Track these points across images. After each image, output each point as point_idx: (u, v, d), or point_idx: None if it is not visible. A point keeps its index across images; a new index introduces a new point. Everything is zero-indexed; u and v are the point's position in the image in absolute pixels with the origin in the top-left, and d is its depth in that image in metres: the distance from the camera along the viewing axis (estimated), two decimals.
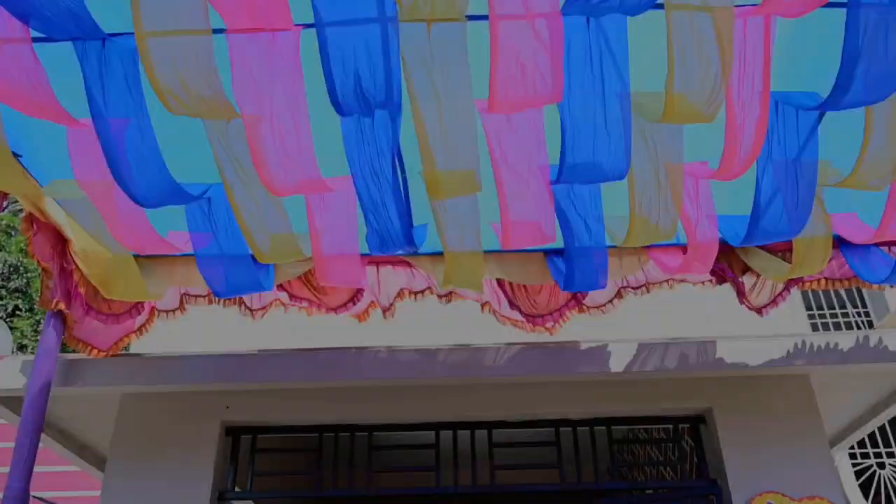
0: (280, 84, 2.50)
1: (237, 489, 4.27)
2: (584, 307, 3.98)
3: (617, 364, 3.87)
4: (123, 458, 4.15)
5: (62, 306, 3.52)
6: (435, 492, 4.31)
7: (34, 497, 3.26)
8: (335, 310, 3.97)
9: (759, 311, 3.85)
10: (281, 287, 3.92)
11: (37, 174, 2.99)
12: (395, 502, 8.59)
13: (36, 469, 3.33)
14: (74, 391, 3.85)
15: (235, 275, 3.27)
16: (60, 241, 3.41)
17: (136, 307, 3.73)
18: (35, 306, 12.55)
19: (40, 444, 3.94)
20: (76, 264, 3.33)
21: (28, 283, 14.01)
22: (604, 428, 4.42)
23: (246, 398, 4.27)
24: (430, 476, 4.32)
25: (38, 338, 3.70)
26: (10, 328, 11.94)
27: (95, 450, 4.86)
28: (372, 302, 4.07)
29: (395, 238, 3.13)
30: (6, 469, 3.27)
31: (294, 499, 4.55)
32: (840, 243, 3.73)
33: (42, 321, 12.73)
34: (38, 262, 3.32)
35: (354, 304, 3.99)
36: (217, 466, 4.15)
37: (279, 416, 4.31)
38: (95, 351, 3.80)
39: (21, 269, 14.17)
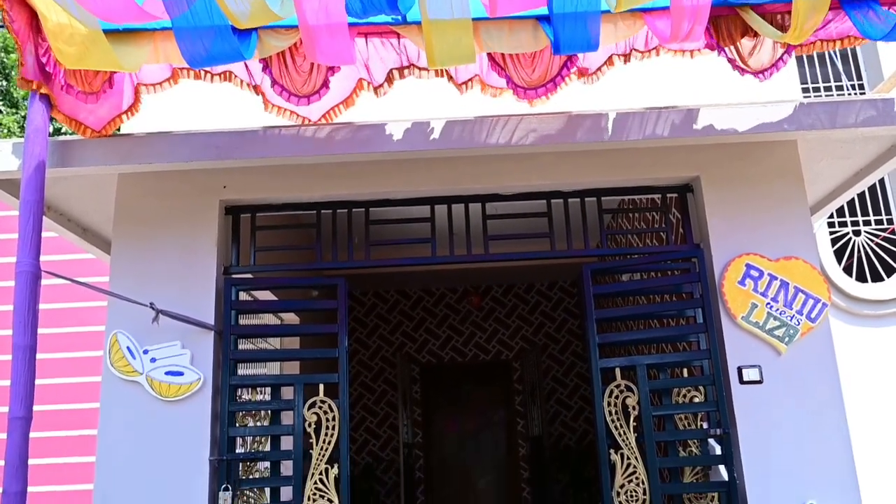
0: None
1: (240, 265, 4.45)
2: (577, 73, 3.92)
3: (609, 132, 3.88)
4: (127, 240, 4.29)
5: (42, 88, 3.46)
6: (431, 262, 4.51)
7: (45, 272, 3.38)
8: (308, 97, 3.87)
9: (756, 74, 3.80)
10: (266, 67, 3.82)
11: None
12: (392, 277, 9.04)
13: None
14: (70, 172, 3.87)
15: (214, 44, 3.15)
16: (35, 17, 3.28)
17: (111, 80, 3.63)
18: (18, 102, 12.27)
19: (50, 234, 4.07)
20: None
21: (7, 79, 13.58)
22: (594, 199, 4.55)
23: (243, 176, 4.33)
24: (425, 248, 4.49)
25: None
26: None
27: (99, 232, 5.00)
28: (360, 80, 3.99)
29: (378, 2, 3.01)
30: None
31: (295, 272, 4.76)
32: (840, 3, 3.62)
33: (27, 118, 12.49)
34: (14, 38, 3.22)
35: (328, 89, 3.87)
36: (220, 244, 4.30)
37: (277, 193, 4.40)
38: (89, 131, 3.78)
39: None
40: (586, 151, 4.23)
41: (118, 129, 3.93)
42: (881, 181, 7.40)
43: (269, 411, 4.40)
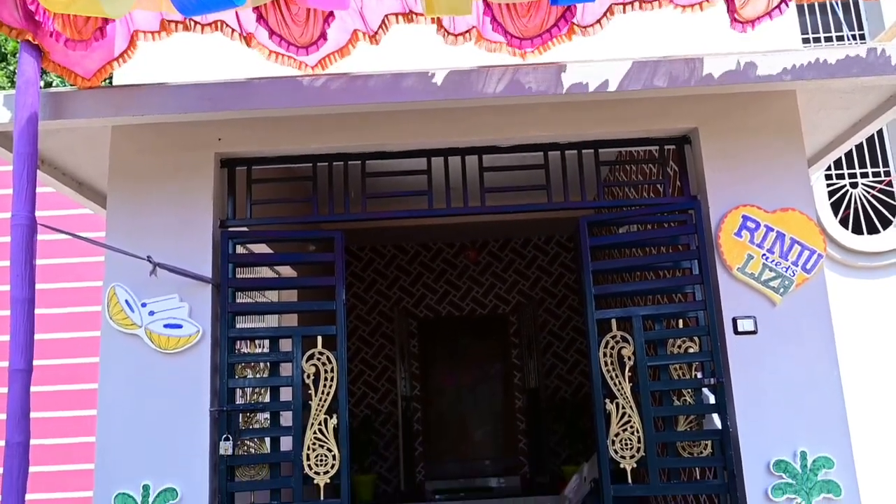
0: None
1: (237, 218, 4.44)
2: (574, 26, 3.86)
3: (607, 83, 3.84)
4: (122, 194, 4.27)
5: (30, 36, 3.41)
6: (428, 214, 4.50)
7: (41, 225, 3.37)
8: (307, 48, 3.82)
9: (751, 23, 3.74)
10: (261, 18, 3.76)
11: None
12: (389, 231, 9.04)
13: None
14: (63, 124, 3.84)
15: None
16: None
17: (102, 30, 3.57)
18: (7, 56, 12.10)
19: (47, 189, 4.04)
20: None
21: None
22: (591, 151, 4.53)
23: (238, 129, 4.29)
24: (422, 200, 4.48)
25: None
26: None
27: (94, 186, 4.98)
28: (354, 31, 3.93)
29: None
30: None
31: (292, 225, 4.75)
32: None
33: (17, 71, 12.33)
34: None
35: (325, 40, 3.82)
36: (216, 197, 4.29)
37: (272, 146, 4.37)
38: (80, 79, 3.73)
39: None
40: (584, 103, 4.19)
41: (111, 78, 3.89)
42: (879, 133, 7.37)
43: (268, 363, 4.43)
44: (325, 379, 4.16)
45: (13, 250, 3.25)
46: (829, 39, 7.72)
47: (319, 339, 4.22)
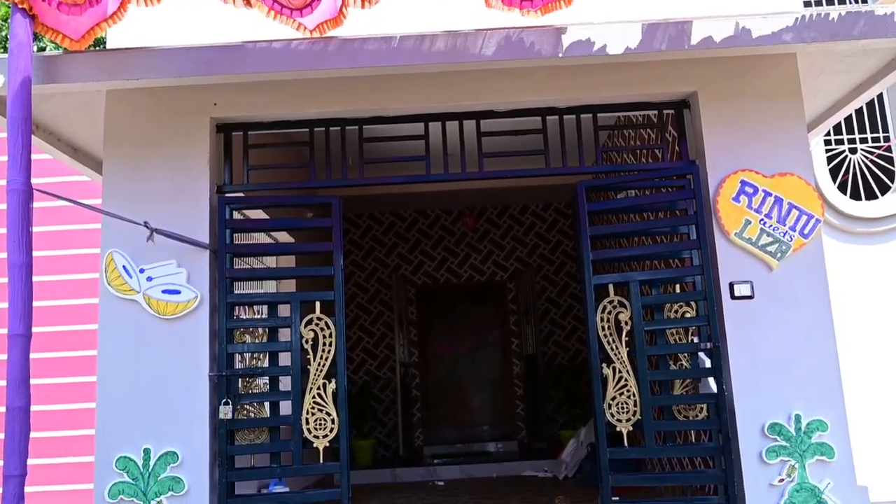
0: None
1: (233, 184, 4.43)
2: None
3: (606, 45, 3.79)
4: (118, 159, 4.25)
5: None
6: (425, 180, 4.48)
7: (37, 190, 3.35)
8: (301, 10, 3.76)
9: None
10: None
11: None
12: (387, 198, 9.02)
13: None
14: (57, 88, 3.79)
15: None
16: None
17: None
18: None
19: (43, 156, 4.00)
20: None
21: None
22: (590, 116, 4.50)
23: (233, 93, 4.25)
24: (420, 166, 4.46)
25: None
26: None
27: (90, 152, 4.95)
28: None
29: None
30: None
31: (289, 190, 4.74)
32: None
33: (8, 34, 12.16)
34: None
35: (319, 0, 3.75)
36: (212, 162, 4.27)
37: (269, 111, 4.34)
38: (68, 41, 3.68)
39: None
40: (582, 66, 4.14)
41: (104, 42, 3.83)
42: (879, 98, 7.31)
43: (267, 328, 4.45)
44: (324, 344, 4.18)
45: (9, 216, 3.24)
46: (830, 2, 7.62)
47: (318, 304, 4.23)
